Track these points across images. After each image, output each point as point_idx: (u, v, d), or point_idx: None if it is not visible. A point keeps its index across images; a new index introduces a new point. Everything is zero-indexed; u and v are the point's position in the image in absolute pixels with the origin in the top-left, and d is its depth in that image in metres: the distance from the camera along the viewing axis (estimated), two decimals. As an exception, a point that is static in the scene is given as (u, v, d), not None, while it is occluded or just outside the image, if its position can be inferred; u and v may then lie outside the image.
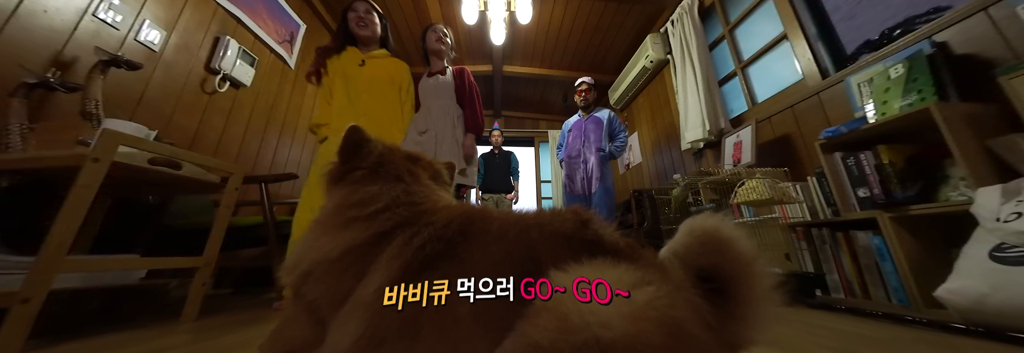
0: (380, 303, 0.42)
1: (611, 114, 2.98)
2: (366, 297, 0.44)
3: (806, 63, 1.95)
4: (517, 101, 5.10)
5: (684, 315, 0.35)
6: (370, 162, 0.62)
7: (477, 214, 0.52)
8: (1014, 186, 0.93)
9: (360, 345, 0.42)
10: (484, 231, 0.48)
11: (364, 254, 0.49)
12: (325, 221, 0.56)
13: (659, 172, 3.53)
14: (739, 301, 0.40)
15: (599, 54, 3.94)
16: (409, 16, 3.33)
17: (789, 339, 0.84)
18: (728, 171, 1.85)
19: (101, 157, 0.88)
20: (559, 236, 0.45)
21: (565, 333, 0.33)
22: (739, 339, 0.39)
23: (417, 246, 0.47)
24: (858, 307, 1.17)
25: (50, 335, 0.90)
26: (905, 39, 1.45)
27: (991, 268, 0.86)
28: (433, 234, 0.48)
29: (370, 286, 0.45)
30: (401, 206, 0.55)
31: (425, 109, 1.78)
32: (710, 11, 2.86)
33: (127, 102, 1.60)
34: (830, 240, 1.51)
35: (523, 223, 0.48)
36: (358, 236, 0.51)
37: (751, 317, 0.40)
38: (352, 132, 0.63)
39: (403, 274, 0.44)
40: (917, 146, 1.29)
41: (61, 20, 1.35)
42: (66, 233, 0.83)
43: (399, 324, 0.41)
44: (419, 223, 0.51)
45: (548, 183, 5.24)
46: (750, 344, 0.40)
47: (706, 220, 0.43)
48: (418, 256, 0.46)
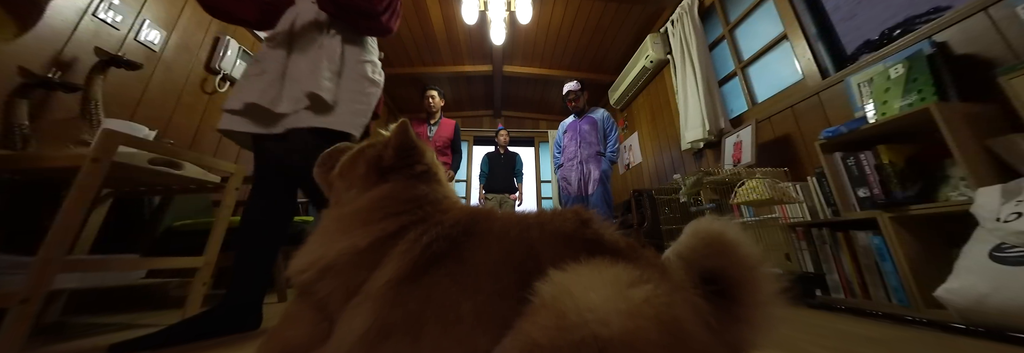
0: (389, 296, 0.44)
1: (605, 114, 2.98)
2: (376, 290, 0.45)
3: (806, 63, 1.95)
4: (517, 101, 5.10)
5: (683, 314, 0.35)
6: (427, 163, 0.63)
7: (482, 215, 0.53)
8: (1014, 186, 0.93)
9: (368, 338, 0.42)
10: (487, 231, 0.49)
11: (385, 245, 0.50)
12: (363, 216, 0.55)
13: (659, 172, 3.53)
14: (743, 304, 0.40)
15: (599, 54, 3.94)
16: (409, 16, 3.32)
17: (789, 339, 0.84)
18: (728, 171, 1.84)
19: (101, 157, 0.88)
20: (559, 235, 0.45)
21: (563, 331, 0.33)
22: (742, 342, 0.39)
23: (425, 243, 0.48)
24: (858, 307, 1.17)
25: (50, 335, 0.90)
26: (905, 39, 1.45)
27: (991, 268, 0.86)
28: (440, 233, 0.49)
29: (380, 279, 0.46)
30: (430, 204, 0.56)
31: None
32: (710, 11, 2.86)
33: (127, 102, 1.60)
34: (830, 240, 1.51)
35: (524, 223, 0.49)
36: (388, 227, 0.52)
37: (754, 320, 0.40)
38: (405, 130, 0.62)
39: (412, 269, 0.45)
40: (917, 146, 1.29)
41: (61, 20, 1.35)
42: (66, 233, 0.83)
43: (404, 319, 0.42)
44: (430, 222, 0.52)
45: (548, 183, 5.24)
46: (753, 347, 0.40)
47: (711, 223, 0.44)
48: (425, 253, 0.47)
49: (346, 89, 1.11)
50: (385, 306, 0.43)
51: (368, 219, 0.54)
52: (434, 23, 3.44)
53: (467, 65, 4.16)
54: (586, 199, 2.75)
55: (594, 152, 2.85)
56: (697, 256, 0.43)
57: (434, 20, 3.40)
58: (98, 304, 1.36)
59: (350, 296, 0.47)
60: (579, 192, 2.79)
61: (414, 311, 0.42)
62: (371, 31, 1.21)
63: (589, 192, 2.76)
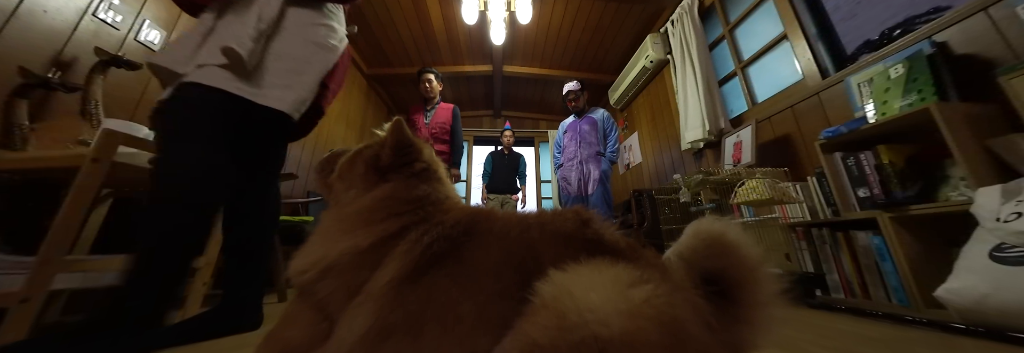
0: (390, 296, 0.44)
1: (605, 114, 2.98)
2: (378, 289, 0.45)
3: (806, 63, 1.95)
4: (517, 101, 5.10)
5: (683, 314, 0.35)
6: (425, 161, 0.63)
7: (482, 215, 0.53)
8: (1014, 186, 0.93)
9: (368, 338, 0.43)
10: (487, 231, 0.49)
11: (387, 246, 0.50)
12: (364, 216, 0.55)
13: (659, 172, 3.53)
14: (743, 304, 0.40)
15: (599, 54, 3.94)
16: (409, 16, 3.33)
17: (789, 339, 0.84)
18: (728, 171, 1.84)
19: (101, 157, 0.88)
20: (559, 235, 0.46)
21: (563, 331, 0.33)
22: (742, 342, 0.39)
23: (426, 244, 0.48)
24: (858, 307, 1.17)
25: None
26: (905, 39, 1.45)
27: (991, 268, 0.86)
28: (441, 233, 0.49)
29: (381, 279, 0.46)
30: (432, 204, 0.57)
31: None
32: (710, 11, 2.86)
33: (127, 102, 1.60)
34: (830, 240, 1.51)
35: (525, 223, 0.49)
36: (389, 228, 0.52)
37: (755, 321, 0.40)
38: (401, 128, 0.62)
39: (413, 270, 0.46)
40: (917, 146, 1.29)
41: (61, 20, 1.35)
42: (66, 233, 0.83)
43: (405, 319, 0.42)
44: (431, 222, 0.52)
45: (548, 183, 5.24)
46: (753, 348, 0.40)
47: (712, 224, 0.44)
48: (426, 253, 0.47)
49: (280, 55, 0.97)
50: (386, 306, 0.44)
51: (370, 219, 0.54)
52: (434, 23, 3.44)
53: (467, 65, 4.16)
54: (586, 199, 2.75)
55: (594, 152, 2.85)
56: (697, 257, 0.43)
57: (434, 20, 3.40)
58: (98, 304, 1.36)
59: (351, 296, 0.47)
60: (579, 192, 2.79)
61: (415, 311, 0.43)
62: None
63: (589, 192, 2.76)
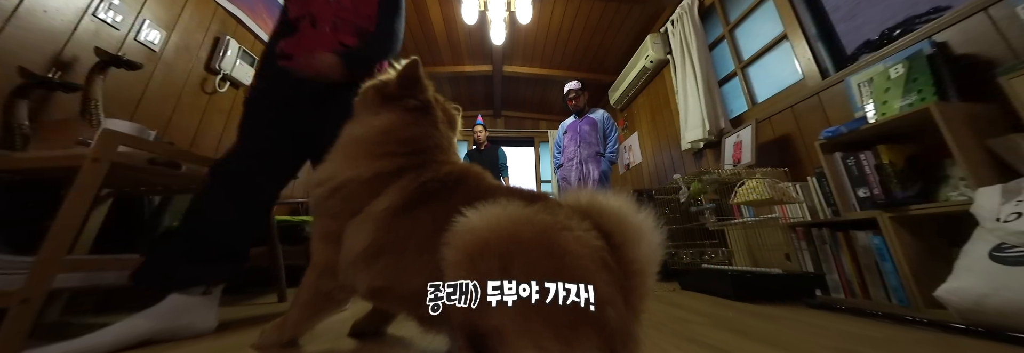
0: (386, 220, 0.60)
1: (605, 114, 2.98)
2: (376, 213, 0.61)
3: (806, 63, 1.95)
4: (517, 101, 5.10)
5: (556, 225, 0.47)
6: (422, 99, 0.76)
7: (473, 174, 0.68)
8: (1014, 186, 0.93)
9: (368, 252, 0.59)
10: (471, 186, 0.65)
11: (384, 180, 0.65)
12: (366, 147, 0.70)
13: (659, 172, 3.53)
14: (625, 262, 0.49)
15: (599, 54, 3.94)
16: (409, 16, 3.33)
17: (789, 339, 0.84)
18: (728, 171, 1.84)
19: (101, 157, 0.88)
20: (513, 192, 0.59)
21: (465, 233, 0.47)
22: (632, 288, 0.48)
23: (421, 182, 0.64)
24: (858, 307, 1.17)
25: (50, 335, 0.90)
26: (905, 39, 1.45)
27: (991, 268, 0.86)
28: (434, 177, 0.65)
29: (380, 205, 0.62)
30: (426, 152, 0.71)
31: None
32: (710, 11, 2.86)
33: (127, 102, 1.60)
34: (830, 240, 1.51)
35: (498, 187, 0.65)
36: (387, 166, 0.67)
37: (637, 288, 0.49)
38: (414, 66, 0.74)
39: (406, 201, 0.61)
40: (917, 146, 1.29)
41: (61, 20, 1.35)
42: (66, 233, 0.83)
43: (393, 242, 0.59)
44: (429, 168, 0.67)
45: (548, 183, 5.24)
46: (640, 313, 0.49)
47: (609, 199, 0.55)
48: (419, 190, 0.63)
49: None
50: (381, 229, 0.60)
51: (371, 152, 0.69)
52: (434, 23, 3.45)
53: (467, 65, 4.15)
54: (586, 199, 2.75)
55: (594, 152, 2.85)
56: (593, 214, 0.53)
57: (434, 20, 3.40)
58: (98, 304, 1.36)
59: (354, 214, 0.64)
60: (579, 192, 2.79)
61: (401, 237, 0.59)
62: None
63: (589, 192, 2.76)
